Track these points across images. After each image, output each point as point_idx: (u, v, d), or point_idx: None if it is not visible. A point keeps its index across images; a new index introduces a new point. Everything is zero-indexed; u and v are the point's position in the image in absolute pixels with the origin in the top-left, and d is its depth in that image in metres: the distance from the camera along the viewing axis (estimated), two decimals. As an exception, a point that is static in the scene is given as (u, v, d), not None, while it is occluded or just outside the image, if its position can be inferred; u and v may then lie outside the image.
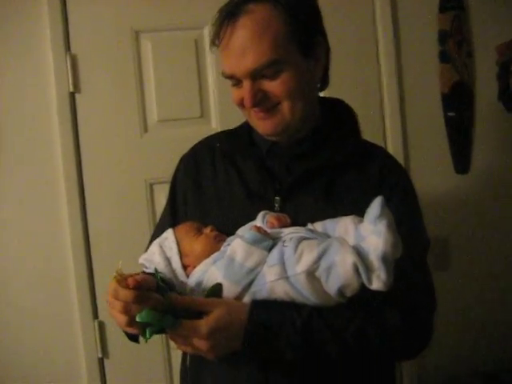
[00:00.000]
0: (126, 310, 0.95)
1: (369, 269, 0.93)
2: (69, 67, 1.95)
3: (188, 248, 1.13)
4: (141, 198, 2.00)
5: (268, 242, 1.04)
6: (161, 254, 1.14)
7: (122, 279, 0.96)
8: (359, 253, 0.94)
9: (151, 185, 2.01)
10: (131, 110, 1.99)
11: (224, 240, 1.11)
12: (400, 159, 1.91)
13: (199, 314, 1.00)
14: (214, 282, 1.03)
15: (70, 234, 1.98)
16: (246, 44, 1.07)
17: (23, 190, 1.99)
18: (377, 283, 0.92)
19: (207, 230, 1.14)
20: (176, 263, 1.12)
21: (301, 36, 1.10)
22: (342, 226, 1.05)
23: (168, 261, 1.13)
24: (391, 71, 2.09)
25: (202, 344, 1.00)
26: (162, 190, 1.92)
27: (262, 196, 1.18)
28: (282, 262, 1.00)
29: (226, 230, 1.15)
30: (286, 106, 1.12)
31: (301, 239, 1.03)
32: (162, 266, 1.11)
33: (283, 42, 1.08)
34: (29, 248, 1.99)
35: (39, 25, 1.94)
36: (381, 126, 2.10)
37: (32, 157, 1.98)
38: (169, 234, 1.17)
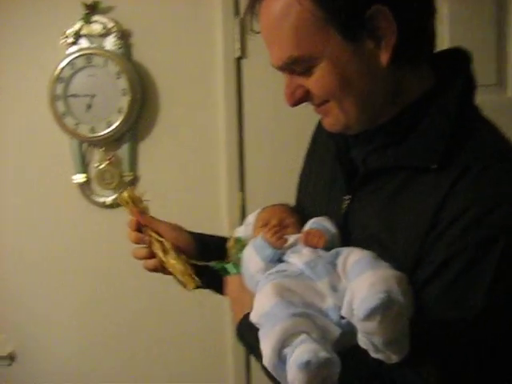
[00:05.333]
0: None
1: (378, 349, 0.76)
2: (237, 32, 1.92)
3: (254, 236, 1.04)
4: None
5: (269, 253, 0.92)
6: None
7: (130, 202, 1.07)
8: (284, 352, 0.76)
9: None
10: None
11: (284, 240, 0.96)
12: None
13: None
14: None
15: (227, 201, 1.98)
16: (267, 36, 0.90)
17: (183, 152, 2.00)
18: (389, 360, 0.76)
19: (271, 225, 1.02)
20: None
21: (341, 17, 0.83)
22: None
23: None
24: None
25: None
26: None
27: (331, 191, 1.03)
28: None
29: (308, 217, 1.03)
30: (333, 106, 0.90)
31: (275, 281, 0.88)
32: None
33: (310, 31, 0.84)
34: (182, 215, 1.98)
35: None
36: None
37: (193, 121, 1.99)
38: (253, 216, 1.10)
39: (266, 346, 0.77)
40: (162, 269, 1.09)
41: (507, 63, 1.85)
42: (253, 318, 0.88)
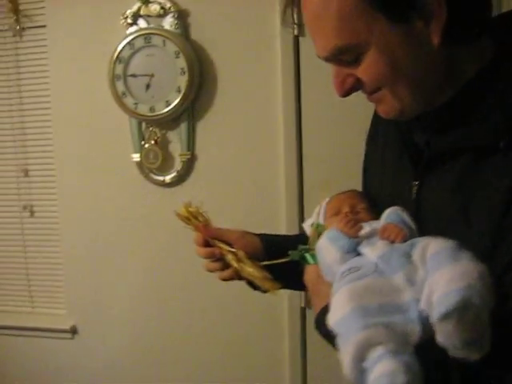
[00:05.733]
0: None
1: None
2: (295, 10, 1.90)
3: (326, 226, 1.01)
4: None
5: (345, 243, 0.89)
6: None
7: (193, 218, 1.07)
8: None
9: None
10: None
11: (357, 228, 0.93)
12: None
13: None
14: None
15: (285, 187, 1.97)
16: (310, 27, 0.86)
17: (240, 132, 2.01)
18: (468, 358, 0.71)
19: (343, 213, 0.99)
20: None
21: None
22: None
23: None
24: None
25: None
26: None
27: (398, 177, 0.98)
28: None
29: (378, 202, 1.00)
30: (386, 93, 0.86)
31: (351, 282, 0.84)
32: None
33: (354, 17, 0.79)
34: (239, 196, 2.00)
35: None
36: None
37: (251, 100, 1.99)
38: (323, 205, 1.07)
39: (345, 357, 0.75)
40: (238, 277, 1.08)
41: None
42: (329, 323, 0.84)
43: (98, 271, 2.18)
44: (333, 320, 0.81)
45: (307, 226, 1.10)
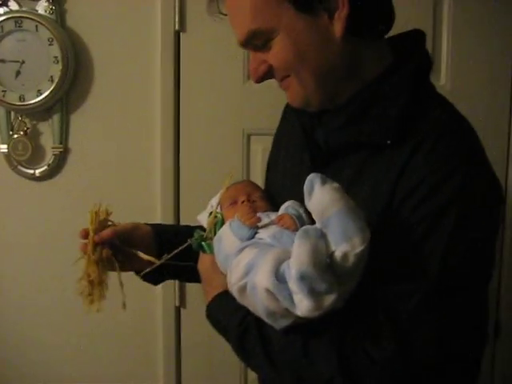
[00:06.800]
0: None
1: (292, 290, 0.77)
2: (176, 4, 1.87)
3: (224, 215, 1.05)
4: (237, 148, 1.95)
5: (245, 232, 0.94)
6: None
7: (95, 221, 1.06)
8: (281, 271, 0.80)
9: (248, 135, 1.93)
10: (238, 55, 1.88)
11: (256, 219, 0.98)
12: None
13: None
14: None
15: (161, 181, 1.94)
16: (230, 13, 0.92)
17: (116, 126, 1.95)
18: (301, 309, 0.77)
19: (240, 202, 1.04)
20: None
21: None
22: None
23: None
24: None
25: None
26: (259, 142, 1.88)
27: (299, 172, 1.03)
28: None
29: (276, 198, 1.06)
30: (293, 80, 0.93)
31: (254, 244, 0.91)
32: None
33: (266, 5, 0.87)
34: (113, 191, 1.94)
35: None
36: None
37: (128, 94, 1.94)
38: (218, 196, 1.10)
39: (262, 271, 0.80)
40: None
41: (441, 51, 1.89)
42: (236, 277, 0.88)
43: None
44: (241, 265, 0.86)
45: (203, 218, 1.11)
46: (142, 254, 1.08)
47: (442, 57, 1.88)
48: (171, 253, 1.06)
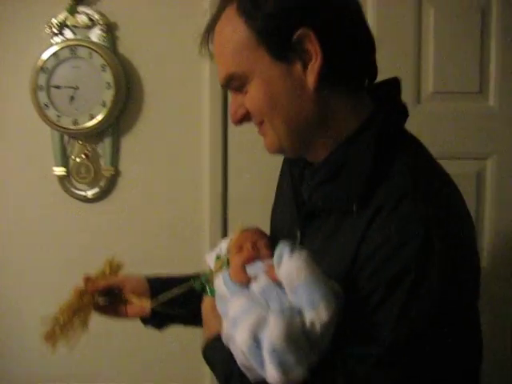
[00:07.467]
0: None
1: (264, 358, 0.80)
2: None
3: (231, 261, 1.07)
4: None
5: (235, 288, 0.95)
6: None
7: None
8: (259, 336, 0.81)
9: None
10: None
11: (245, 278, 0.97)
12: None
13: None
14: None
15: (210, 206, 1.96)
16: (214, 54, 0.96)
17: (166, 149, 1.99)
18: (269, 378, 0.80)
19: (245, 249, 1.05)
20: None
21: (269, 38, 0.87)
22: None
23: None
24: None
25: None
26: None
27: (292, 224, 1.04)
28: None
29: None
30: (267, 126, 0.94)
31: (242, 295, 0.93)
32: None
33: (244, 50, 0.89)
34: (163, 213, 1.97)
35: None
36: None
37: (178, 118, 1.98)
38: (226, 241, 1.13)
39: (241, 331, 0.83)
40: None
41: (489, 72, 1.87)
42: (226, 326, 0.91)
43: (12, 287, 2.09)
44: (231, 313, 0.89)
45: (210, 259, 1.13)
46: (133, 298, 1.16)
47: (490, 78, 1.85)
48: (169, 292, 1.13)
